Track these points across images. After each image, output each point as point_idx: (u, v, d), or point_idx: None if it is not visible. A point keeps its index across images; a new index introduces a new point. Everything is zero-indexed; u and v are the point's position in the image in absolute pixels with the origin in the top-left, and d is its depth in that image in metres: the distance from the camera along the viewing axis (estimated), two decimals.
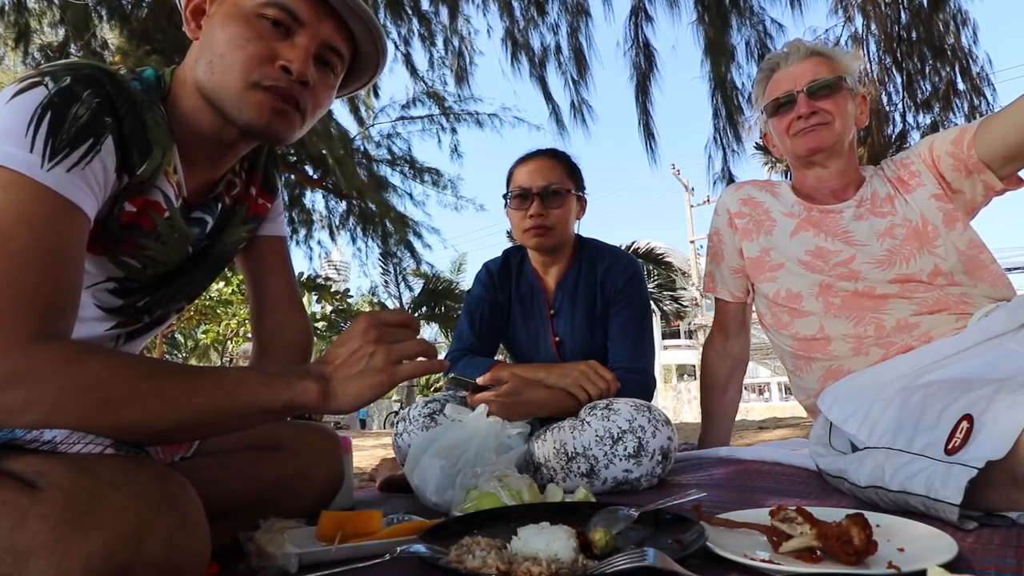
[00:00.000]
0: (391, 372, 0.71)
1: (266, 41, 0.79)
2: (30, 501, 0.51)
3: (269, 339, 1.07)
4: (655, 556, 0.59)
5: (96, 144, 0.68)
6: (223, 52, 0.78)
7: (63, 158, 0.65)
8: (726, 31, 4.19)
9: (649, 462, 1.18)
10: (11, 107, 0.64)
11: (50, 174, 0.64)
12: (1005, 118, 1.14)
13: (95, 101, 0.68)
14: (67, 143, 0.65)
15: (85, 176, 0.67)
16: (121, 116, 0.72)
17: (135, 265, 0.82)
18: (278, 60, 0.80)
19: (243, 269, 1.10)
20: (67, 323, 0.65)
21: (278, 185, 1.08)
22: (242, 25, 0.79)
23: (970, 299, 1.17)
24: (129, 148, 0.73)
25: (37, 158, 0.63)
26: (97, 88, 0.69)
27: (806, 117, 1.30)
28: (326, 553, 0.77)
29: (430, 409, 1.37)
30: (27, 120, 0.64)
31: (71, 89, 0.67)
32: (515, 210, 1.52)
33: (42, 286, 0.61)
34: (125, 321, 0.87)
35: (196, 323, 12.19)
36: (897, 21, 4.13)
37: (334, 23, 0.84)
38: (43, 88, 0.66)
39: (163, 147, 0.78)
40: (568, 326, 1.56)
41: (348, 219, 6.68)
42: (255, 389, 0.67)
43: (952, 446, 0.79)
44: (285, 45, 0.80)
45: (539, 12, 4.69)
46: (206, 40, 0.81)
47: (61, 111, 0.66)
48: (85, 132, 0.67)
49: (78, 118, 0.67)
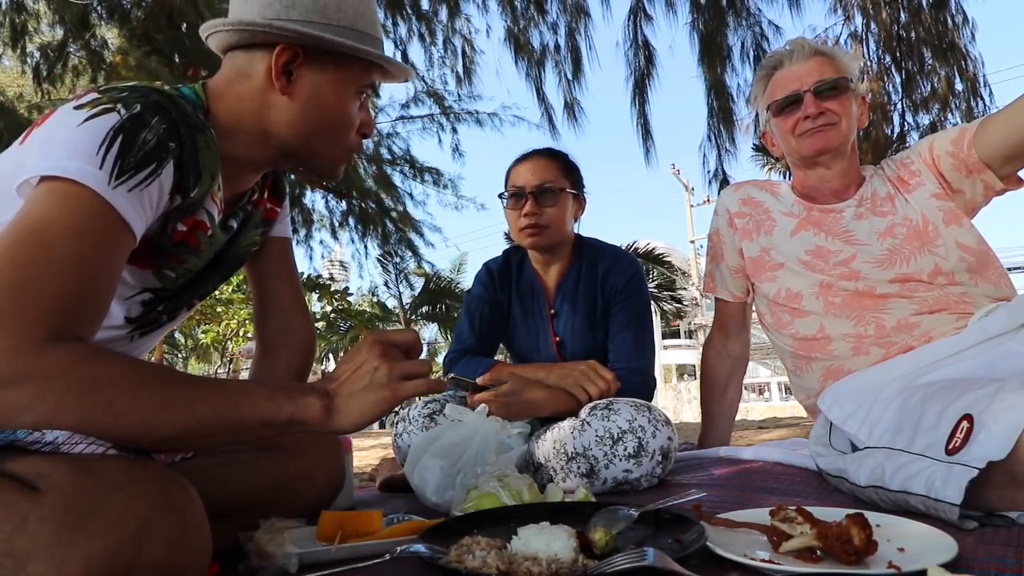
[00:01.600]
0: (395, 388, 0.72)
1: (357, 114, 0.92)
2: (30, 504, 0.51)
3: (272, 339, 1.08)
4: (655, 556, 0.59)
5: (159, 168, 0.72)
6: (334, 126, 0.90)
7: (128, 179, 0.68)
8: (722, 31, 4.19)
9: (649, 462, 1.18)
10: (84, 129, 0.68)
11: (115, 192, 0.67)
12: (1005, 118, 1.14)
13: (163, 128, 0.72)
14: (134, 165, 0.69)
15: (142, 197, 0.70)
16: (183, 142, 0.75)
17: (172, 276, 0.86)
18: (363, 128, 0.94)
19: (248, 270, 1.11)
20: (88, 331, 0.66)
21: (286, 189, 1.11)
22: (350, 105, 0.90)
23: (970, 299, 1.17)
24: (186, 172, 0.77)
25: (105, 175, 0.67)
26: (164, 115, 0.73)
27: (813, 117, 1.29)
28: (326, 553, 0.77)
29: (430, 409, 1.37)
30: (99, 141, 0.67)
31: (142, 116, 0.71)
32: (511, 209, 1.52)
33: (73, 294, 0.63)
34: (143, 324, 0.89)
35: (196, 323, 12.17)
36: (896, 21, 4.13)
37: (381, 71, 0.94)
38: (116, 114, 0.69)
39: (212, 171, 0.81)
40: (568, 326, 1.56)
41: (348, 219, 6.68)
42: (258, 402, 0.67)
43: (952, 446, 0.79)
44: (363, 112, 0.93)
45: (539, 11, 4.69)
46: (303, 111, 0.87)
47: (132, 135, 0.69)
48: (151, 156, 0.71)
49: (146, 143, 0.70)
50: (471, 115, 6.56)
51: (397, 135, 6.77)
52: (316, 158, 0.92)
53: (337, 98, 0.88)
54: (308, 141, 0.88)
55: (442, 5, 5.02)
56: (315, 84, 0.86)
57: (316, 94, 0.86)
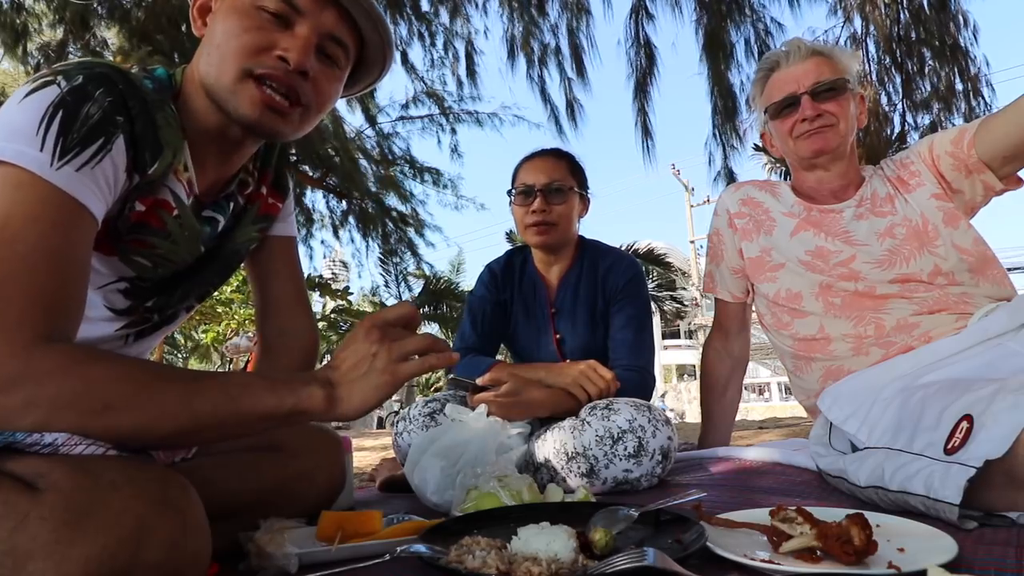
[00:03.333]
0: (394, 371, 0.70)
1: (264, 31, 0.78)
2: (30, 503, 0.51)
3: (274, 340, 1.05)
4: (655, 556, 0.59)
5: (107, 143, 0.68)
6: (219, 43, 0.78)
7: (73, 157, 0.64)
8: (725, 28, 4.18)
9: (649, 462, 1.18)
10: (23, 106, 0.64)
11: (59, 173, 0.63)
12: (1005, 118, 1.14)
13: (107, 100, 0.68)
14: (78, 142, 0.65)
15: (95, 176, 0.66)
16: (133, 116, 0.71)
17: (145, 264, 0.82)
18: (275, 50, 0.78)
19: (249, 269, 1.08)
20: (71, 325, 0.64)
21: (289, 185, 1.06)
22: (240, 16, 0.78)
23: (970, 299, 1.17)
24: (140, 148, 0.73)
25: (47, 156, 0.63)
26: (110, 87, 0.69)
27: (811, 120, 1.29)
28: (326, 553, 0.77)
29: (430, 409, 1.38)
30: (39, 119, 0.63)
31: (84, 88, 0.67)
32: (519, 206, 1.56)
33: (48, 288, 0.61)
34: (134, 321, 0.86)
35: (196, 323, 12.17)
36: (896, 21, 4.12)
37: (336, 13, 0.83)
38: (55, 87, 0.65)
39: (174, 146, 0.77)
40: (569, 324, 1.57)
41: (348, 219, 6.68)
42: (259, 395, 0.66)
43: (951, 446, 0.79)
44: (285, 36, 0.79)
45: (539, 11, 4.69)
46: (208, 35, 0.80)
47: (73, 110, 0.65)
48: (96, 131, 0.67)
49: (89, 117, 0.66)
50: (471, 115, 6.55)
51: (397, 135, 6.77)
52: (217, 89, 0.78)
53: (227, 18, 0.78)
54: (211, 71, 0.78)
55: (442, 5, 5.02)
56: (217, 14, 0.81)
57: (215, 22, 0.80)
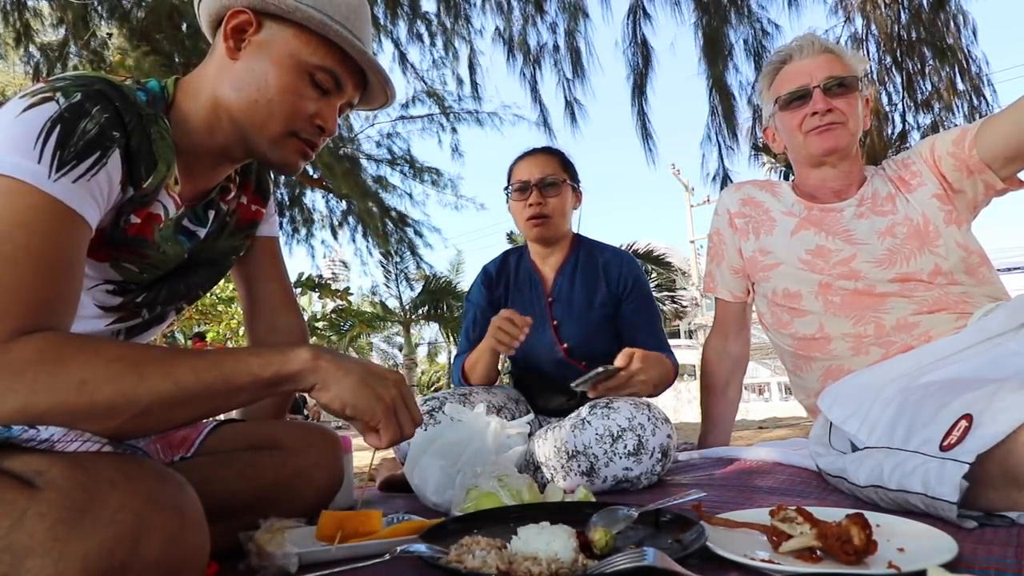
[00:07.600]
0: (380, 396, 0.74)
1: (313, 101, 0.86)
2: (27, 500, 0.50)
3: (264, 338, 1.08)
4: (655, 556, 0.59)
5: (103, 157, 0.69)
6: (273, 98, 0.83)
7: (70, 170, 0.66)
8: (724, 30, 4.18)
9: (649, 460, 1.18)
10: (21, 120, 0.66)
11: (56, 184, 0.65)
12: (1006, 118, 1.14)
13: (104, 116, 0.70)
14: (74, 156, 0.67)
15: (90, 187, 0.68)
16: (130, 131, 0.73)
17: (134, 270, 0.84)
18: (316, 119, 0.87)
19: (235, 271, 1.10)
20: (61, 323, 0.65)
21: (270, 189, 1.09)
22: (296, 78, 0.84)
23: (970, 298, 1.17)
24: (136, 162, 0.75)
25: (44, 169, 0.64)
26: (106, 104, 0.71)
27: (821, 114, 1.28)
28: (326, 553, 0.77)
29: (429, 407, 1.38)
30: (36, 133, 0.65)
31: (81, 104, 0.68)
32: (516, 202, 1.62)
33: (34, 287, 0.62)
34: (124, 316, 0.88)
35: (196, 322, 12.16)
36: (897, 21, 4.12)
37: (361, 82, 0.92)
38: (54, 103, 0.67)
39: (167, 161, 0.79)
40: (566, 311, 1.60)
41: (347, 219, 6.68)
42: (242, 359, 0.67)
43: (948, 443, 0.78)
44: (323, 104, 0.87)
45: (538, 11, 4.69)
46: (248, 72, 0.83)
47: (71, 125, 0.67)
48: (92, 146, 0.68)
49: (86, 132, 0.68)
50: (471, 115, 6.56)
51: (397, 135, 6.78)
52: (258, 134, 0.85)
53: (282, 66, 0.83)
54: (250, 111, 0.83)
55: (442, 6, 5.02)
56: (264, 48, 0.83)
57: (263, 57, 0.83)
